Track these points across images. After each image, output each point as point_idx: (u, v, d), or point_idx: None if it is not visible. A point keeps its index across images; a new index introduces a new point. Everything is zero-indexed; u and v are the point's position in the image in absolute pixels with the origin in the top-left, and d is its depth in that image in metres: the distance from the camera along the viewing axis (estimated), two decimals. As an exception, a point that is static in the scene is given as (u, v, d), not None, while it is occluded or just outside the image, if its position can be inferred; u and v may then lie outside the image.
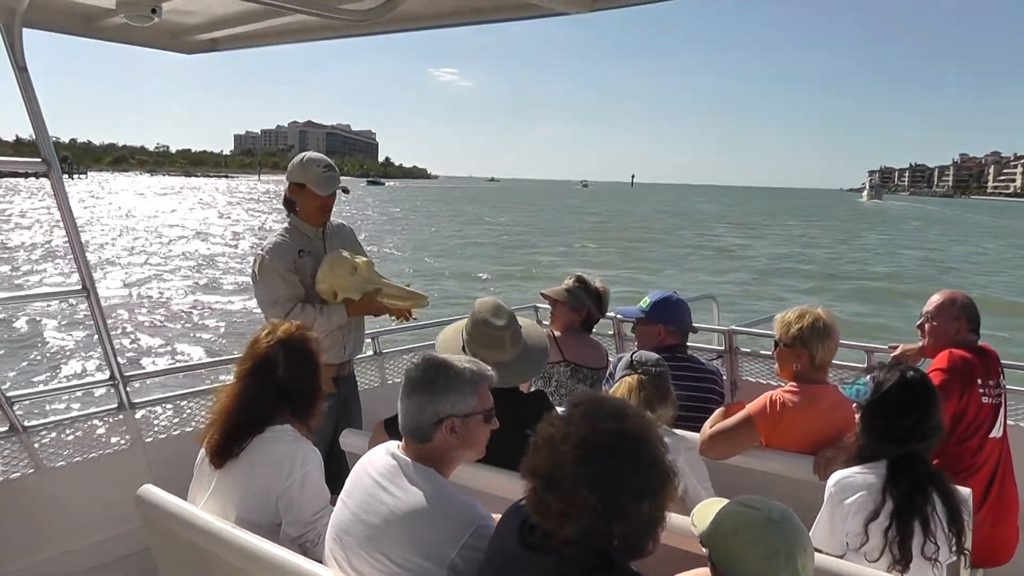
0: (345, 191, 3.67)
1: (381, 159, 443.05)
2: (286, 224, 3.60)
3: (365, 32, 3.30)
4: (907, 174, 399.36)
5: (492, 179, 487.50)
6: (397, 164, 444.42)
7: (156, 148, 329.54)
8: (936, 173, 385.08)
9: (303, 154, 3.62)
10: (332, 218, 3.70)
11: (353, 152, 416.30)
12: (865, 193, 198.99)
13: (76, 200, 55.29)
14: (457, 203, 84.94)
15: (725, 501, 1.74)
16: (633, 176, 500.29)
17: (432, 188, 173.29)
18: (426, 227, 46.21)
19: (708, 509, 1.75)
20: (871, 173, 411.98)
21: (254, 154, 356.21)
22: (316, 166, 3.51)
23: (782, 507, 1.65)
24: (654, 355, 2.88)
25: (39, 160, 3.04)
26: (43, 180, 3.13)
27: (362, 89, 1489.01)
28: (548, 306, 4.07)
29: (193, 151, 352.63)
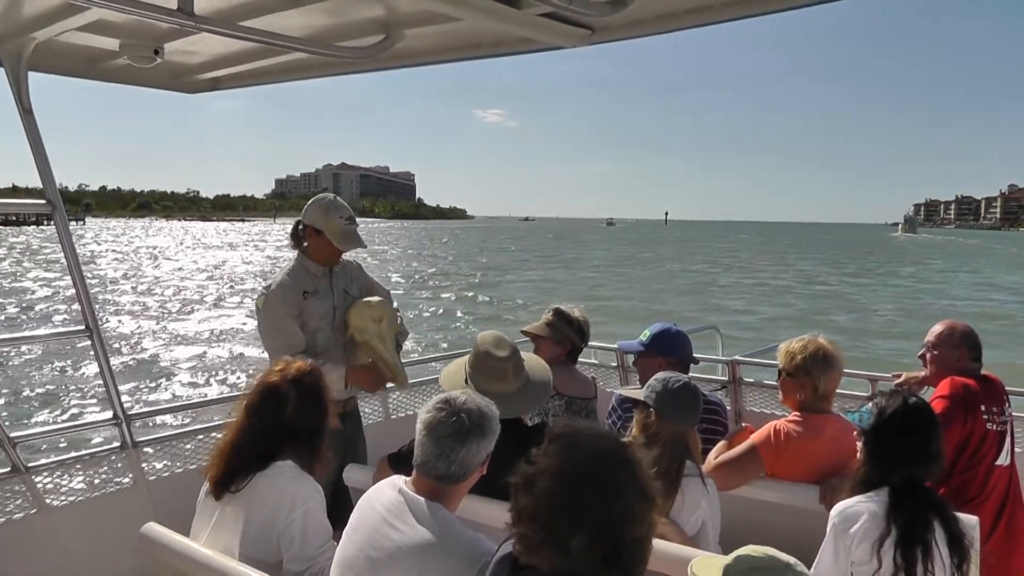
0: (363, 246, 3.52)
1: (416, 200, 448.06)
2: (292, 262, 3.52)
3: (365, 69, 3.33)
4: (953, 206, 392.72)
5: (526, 218, 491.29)
6: (433, 205, 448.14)
7: (186, 192, 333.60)
8: (983, 205, 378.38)
9: (325, 196, 3.50)
10: None
11: (387, 193, 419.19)
12: (900, 227, 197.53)
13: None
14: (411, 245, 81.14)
15: (727, 558, 1.68)
16: (667, 213, 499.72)
17: (415, 229, 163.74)
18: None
19: (709, 562, 1.71)
20: (916, 206, 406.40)
21: (287, 197, 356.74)
22: (339, 216, 3.41)
23: (791, 559, 1.62)
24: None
25: (43, 202, 3.06)
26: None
27: (408, 130, 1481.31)
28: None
29: (232, 195, 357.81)
